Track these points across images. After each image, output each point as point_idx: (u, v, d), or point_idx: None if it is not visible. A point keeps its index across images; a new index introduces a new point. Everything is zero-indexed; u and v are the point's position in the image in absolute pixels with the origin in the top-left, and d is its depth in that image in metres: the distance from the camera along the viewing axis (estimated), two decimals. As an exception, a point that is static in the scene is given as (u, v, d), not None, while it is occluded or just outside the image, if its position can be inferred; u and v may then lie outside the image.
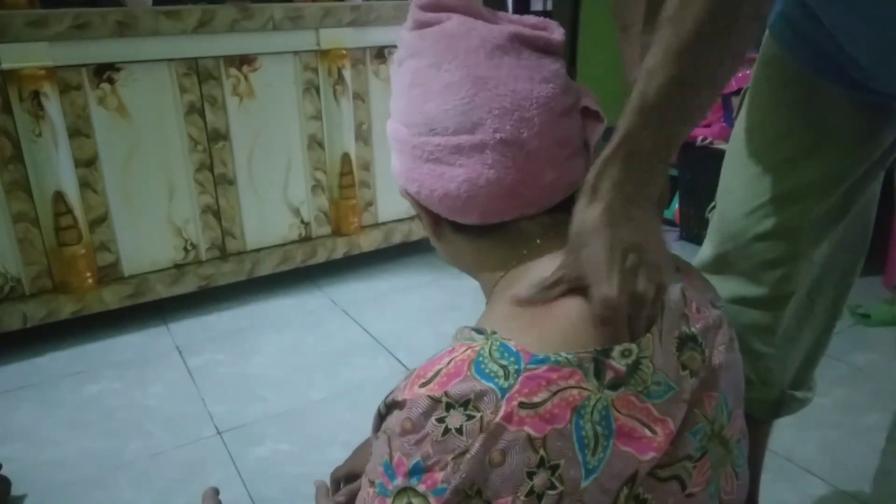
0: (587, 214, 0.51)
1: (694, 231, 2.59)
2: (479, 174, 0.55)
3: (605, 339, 0.50)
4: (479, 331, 0.52)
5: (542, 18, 0.61)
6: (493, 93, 0.55)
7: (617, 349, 0.50)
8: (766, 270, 0.86)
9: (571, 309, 0.52)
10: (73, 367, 1.81)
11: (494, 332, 0.50)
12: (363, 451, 0.80)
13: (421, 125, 0.57)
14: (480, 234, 0.59)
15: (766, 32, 0.84)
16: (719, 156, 0.95)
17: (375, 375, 1.74)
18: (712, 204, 0.96)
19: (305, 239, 2.26)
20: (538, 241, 0.58)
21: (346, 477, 0.79)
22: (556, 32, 0.60)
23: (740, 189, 0.86)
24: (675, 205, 2.71)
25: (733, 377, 0.59)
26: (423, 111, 0.57)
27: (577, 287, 0.52)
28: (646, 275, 0.51)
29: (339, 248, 2.29)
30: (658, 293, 0.52)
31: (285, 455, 1.45)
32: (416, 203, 0.62)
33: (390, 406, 0.50)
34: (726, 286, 0.89)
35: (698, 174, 2.51)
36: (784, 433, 1.04)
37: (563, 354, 0.48)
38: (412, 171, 0.59)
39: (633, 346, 0.50)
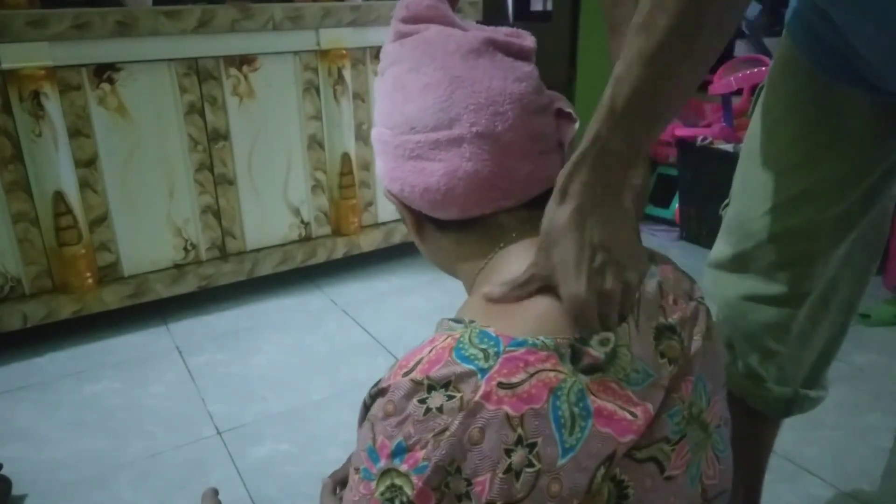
0: (557, 214, 0.53)
1: (694, 231, 2.59)
2: (458, 167, 0.58)
3: (581, 330, 0.52)
4: (457, 321, 0.54)
5: (514, 28, 0.65)
6: (468, 90, 0.58)
7: (595, 338, 0.52)
8: (784, 269, 0.87)
9: (547, 301, 0.54)
10: (73, 367, 1.81)
11: (473, 321, 0.53)
12: None
13: (402, 125, 0.60)
14: (461, 229, 0.62)
15: (784, 33, 0.84)
16: (719, 156, 0.96)
17: (375, 375, 1.72)
18: (726, 201, 0.97)
19: (305, 239, 2.26)
20: (514, 235, 0.60)
21: (343, 481, 0.78)
22: (528, 40, 0.64)
23: (758, 189, 0.87)
24: (675, 205, 2.71)
25: (712, 364, 0.60)
26: (403, 112, 0.60)
27: (547, 285, 0.54)
28: (613, 273, 0.53)
29: (339, 248, 2.29)
30: (626, 290, 0.54)
31: (285, 455, 1.46)
32: (400, 203, 0.64)
33: (374, 396, 0.53)
34: (743, 284, 0.90)
35: (699, 174, 2.51)
36: (784, 433, 1.04)
37: (542, 338, 0.50)
38: (395, 170, 0.62)
39: (611, 335, 0.52)
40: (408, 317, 2.06)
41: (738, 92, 2.48)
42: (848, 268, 0.89)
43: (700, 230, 2.54)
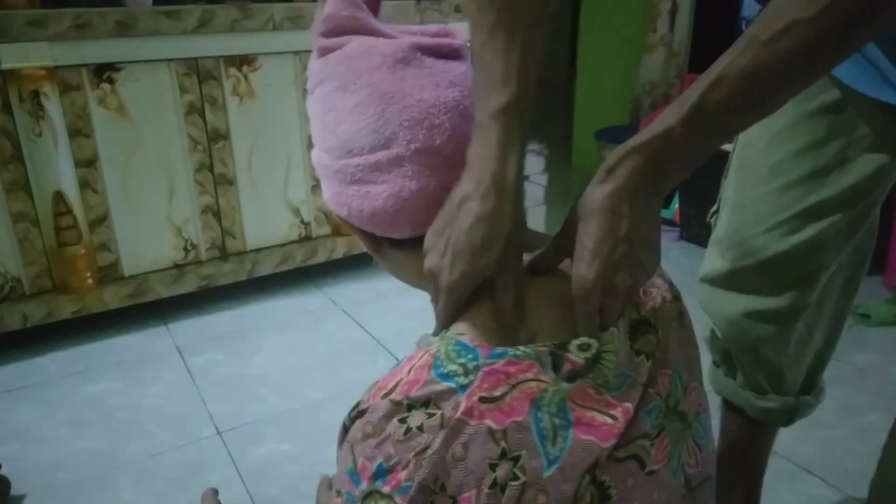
0: (595, 192, 0.51)
1: (694, 231, 2.59)
2: (402, 187, 0.56)
3: (564, 331, 0.52)
4: (435, 333, 0.54)
5: (443, 26, 0.62)
6: (399, 106, 0.56)
7: (574, 343, 0.51)
8: (788, 287, 0.84)
9: (531, 301, 0.54)
10: (73, 367, 1.81)
11: (447, 331, 0.52)
12: None
13: (339, 148, 0.58)
14: (418, 246, 0.59)
15: None
16: (719, 155, 0.94)
17: (375, 375, 1.72)
18: (714, 208, 0.94)
19: (305, 239, 2.26)
20: None
21: None
22: (459, 38, 0.61)
23: (760, 203, 0.84)
24: (675, 205, 2.71)
25: (685, 352, 0.59)
26: (337, 134, 0.58)
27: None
28: (627, 268, 0.51)
29: (339, 248, 2.29)
30: (632, 289, 0.53)
31: (285, 455, 1.46)
32: (352, 226, 0.62)
33: (354, 418, 0.52)
34: (742, 301, 0.88)
35: (698, 174, 2.47)
36: (784, 433, 1.04)
37: (522, 348, 0.49)
38: (339, 195, 0.60)
39: (592, 341, 0.51)
40: (408, 317, 2.06)
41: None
42: (840, 271, 0.88)
43: (700, 230, 2.54)
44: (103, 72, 1.80)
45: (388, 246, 0.62)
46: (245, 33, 1.96)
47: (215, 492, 0.75)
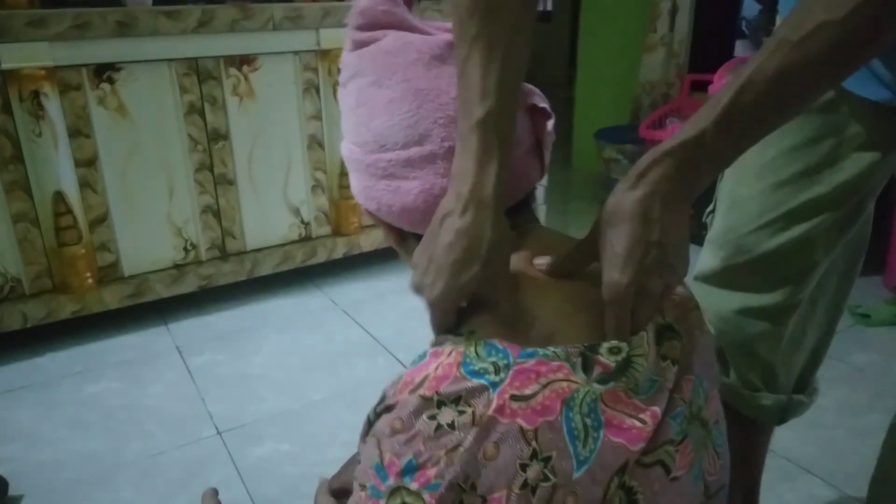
0: (626, 197, 0.51)
1: (693, 230, 2.59)
2: (433, 184, 0.56)
3: (590, 336, 0.52)
4: (457, 333, 0.53)
5: None
6: (435, 103, 0.56)
7: (605, 345, 0.51)
8: (780, 284, 0.85)
9: (554, 306, 0.53)
10: (73, 367, 1.81)
11: (473, 332, 0.52)
12: (355, 463, 0.79)
13: (371, 143, 0.58)
14: None
15: None
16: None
17: (375, 375, 1.74)
18: (710, 208, 0.95)
19: (305, 239, 2.26)
20: None
21: (340, 490, 0.78)
22: None
23: (752, 201, 0.85)
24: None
25: (706, 359, 0.59)
26: (370, 129, 0.58)
27: (593, 260, 0.53)
28: (660, 273, 0.51)
29: (339, 248, 2.29)
30: (665, 293, 0.52)
31: (285, 455, 1.46)
32: (380, 220, 0.63)
33: (380, 413, 0.51)
34: (735, 298, 0.88)
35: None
36: (784, 433, 1.04)
37: (552, 349, 0.49)
38: (369, 189, 0.60)
39: (623, 345, 0.51)
40: (408, 317, 2.06)
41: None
42: (834, 268, 0.88)
43: (700, 230, 2.54)
44: (103, 72, 1.80)
45: (415, 241, 0.61)
46: (245, 33, 1.96)
47: (215, 492, 0.75)
